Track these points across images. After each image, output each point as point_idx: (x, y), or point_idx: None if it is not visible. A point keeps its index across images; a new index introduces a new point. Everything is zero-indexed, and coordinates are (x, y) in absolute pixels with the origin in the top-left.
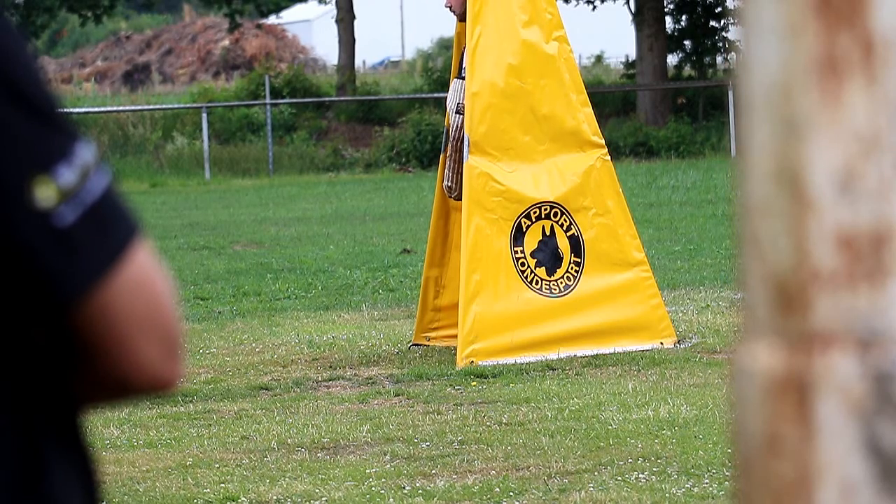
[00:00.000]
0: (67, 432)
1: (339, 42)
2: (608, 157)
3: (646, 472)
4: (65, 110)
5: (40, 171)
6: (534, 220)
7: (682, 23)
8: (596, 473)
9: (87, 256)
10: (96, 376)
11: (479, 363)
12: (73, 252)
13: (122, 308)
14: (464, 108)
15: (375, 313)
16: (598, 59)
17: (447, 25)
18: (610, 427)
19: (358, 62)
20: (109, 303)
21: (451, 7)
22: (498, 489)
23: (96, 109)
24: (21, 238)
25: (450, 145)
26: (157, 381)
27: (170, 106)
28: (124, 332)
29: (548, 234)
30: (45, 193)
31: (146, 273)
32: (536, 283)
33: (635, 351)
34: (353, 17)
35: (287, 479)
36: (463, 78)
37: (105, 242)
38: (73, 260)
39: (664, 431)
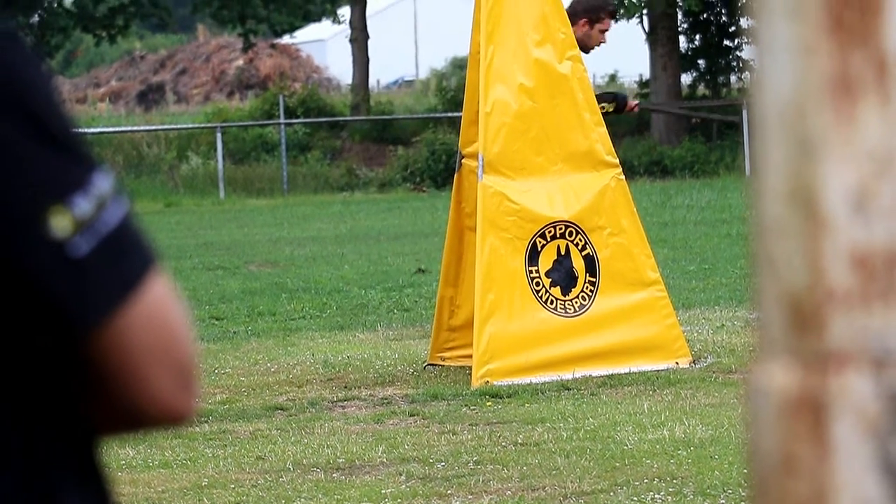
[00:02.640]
0: (83, 454)
1: (353, 61)
2: (623, 177)
3: (662, 493)
4: (83, 136)
5: (56, 200)
6: (549, 239)
7: (696, 42)
8: (612, 494)
9: (100, 287)
10: (111, 407)
11: (494, 383)
12: (86, 283)
13: (135, 340)
14: None
15: (390, 333)
16: (612, 78)
17: (461, 45)
18: (625, 447)
19: (372, 82)
20: (123, 334)
21: None
22: None
23: (111, 129)
24: (35, 268)
25: None
26: (171, 413)
27: (184, 126)
28: (138, 364)
29: (563, 253)
30: (60, 223)
31: (161, 305)
32: (551, 302)
33: (650, 371)
34: (367, 37)
35: (302, 499)
36: None
37: (119, 273)
38: (86, 291)
39: (680, 451)
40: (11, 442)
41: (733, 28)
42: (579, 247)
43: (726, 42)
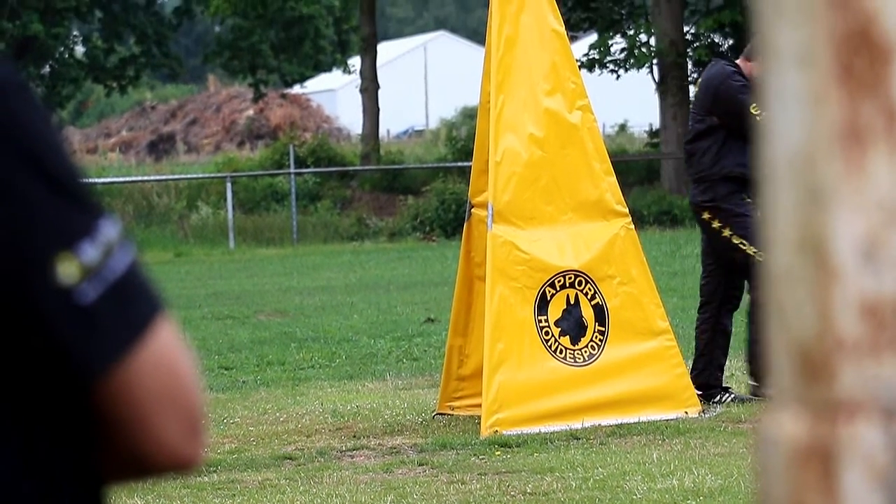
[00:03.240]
0: (92, 502)
1: (364, 111)
2: (632, 226)
3: None
4: (89, 184)
5: (63, 247)
6: (558, 288)
7: None
8: None
9: (107, 335)
10: (118, 454)
11: (504, 432)
12: (93, 330)
13: (142, 387)
14: None
15: (399, 382)
16: (622, 127)
17: (471, 95)
18: (635, 497)
19: (382, 131)
20: (130, 381)
21: None
22: None
23: (121, 179)
24: (43, 314)
25: None
26: (178, 460)
27: (194, 175)
28: (145, 411)
29: (572, 302)
30: (67, 270)
31: (168, 352)
32: (560, 351)
33: (660, 420)
34: (377, 87)
35: None
36: None
37: (126, 320)
38: (93, 338)
39: (689, 501)
40: (22, 487)
41: None
42: (589, 296)
43: None
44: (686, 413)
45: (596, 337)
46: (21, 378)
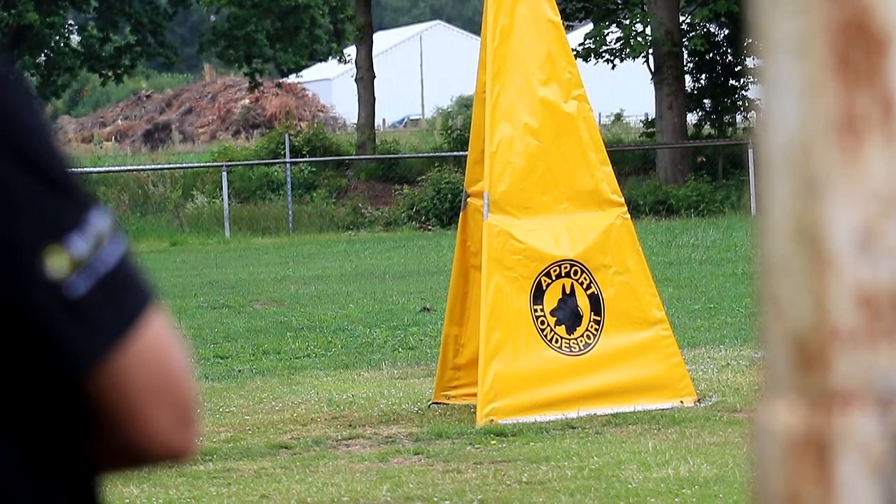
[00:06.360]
0: (84, 491)
1: (359, 101)
2: (628, 216)
3: None
4: (80, 177)
5: (52, 240)
6: (554, 278)
7: (702, 81)
8: None
9: (98, 327)
10: (110, 445)
11: (499, 422)
12: (84, 323)
13: (133, 379)
14: None
15: (395, 372)
16: (618, 117)
17: (466, 84)
18: (630, 486)
19: (377, 121)
20: (121, 373)
21: None
22: None
23: (116, 168)
24: (33, 308)
25: None
26: (171, 450)
27: (190, 165)
28: (136, 403)
29: (567, 292)
30: (57, 263)
31: (159, 343)
32: (556, 341)
33: (655, 409)
34: (373, 76)
35: None
36: None
37: (117, 313)
38: (84, 331)
39: (684, 490)
40: (14, 480)
41: (739, 68)
42: (584, 285)
43: (732, 82)
44: (681, 402)
45: (591, 326)
46: (13, 374)
